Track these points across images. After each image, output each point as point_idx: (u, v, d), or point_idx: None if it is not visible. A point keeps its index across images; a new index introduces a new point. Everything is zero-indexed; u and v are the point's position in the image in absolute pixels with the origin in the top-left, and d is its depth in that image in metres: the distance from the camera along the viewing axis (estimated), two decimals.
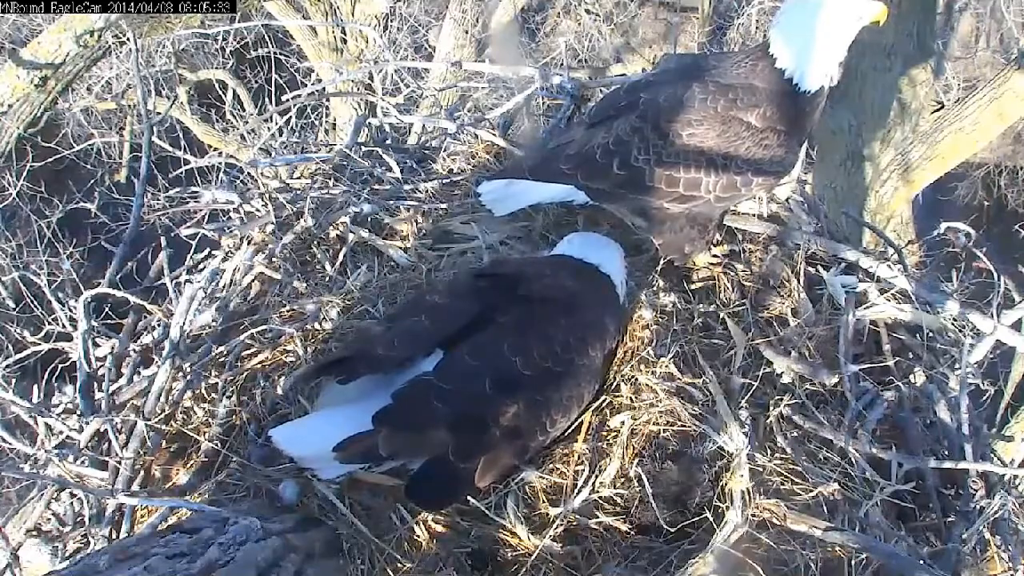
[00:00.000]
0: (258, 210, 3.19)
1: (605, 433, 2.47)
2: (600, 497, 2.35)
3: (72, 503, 2.57)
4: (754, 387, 2.52)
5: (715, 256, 2.93)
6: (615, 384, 2.54)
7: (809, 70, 2.58)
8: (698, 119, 2.61)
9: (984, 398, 2.93)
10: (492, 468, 2.25)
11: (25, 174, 10.11)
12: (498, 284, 2.49)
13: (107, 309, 2.99)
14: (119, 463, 2.49)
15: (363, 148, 3.56)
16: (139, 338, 2.93)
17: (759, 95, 2.60)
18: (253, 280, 3.02)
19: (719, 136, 2.61)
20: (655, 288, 2.77)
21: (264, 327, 2.76)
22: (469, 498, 2.31)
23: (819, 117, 2.71)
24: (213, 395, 2.68)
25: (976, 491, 2.55)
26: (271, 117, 5.32)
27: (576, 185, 2.78)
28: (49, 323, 2.89)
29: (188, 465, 2.58)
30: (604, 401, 2.51)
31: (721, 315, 2.73)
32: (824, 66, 2.59)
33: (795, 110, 2.63)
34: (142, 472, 2.55)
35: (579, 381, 2.40)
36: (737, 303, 2.78)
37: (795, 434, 2.48)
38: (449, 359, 2.31)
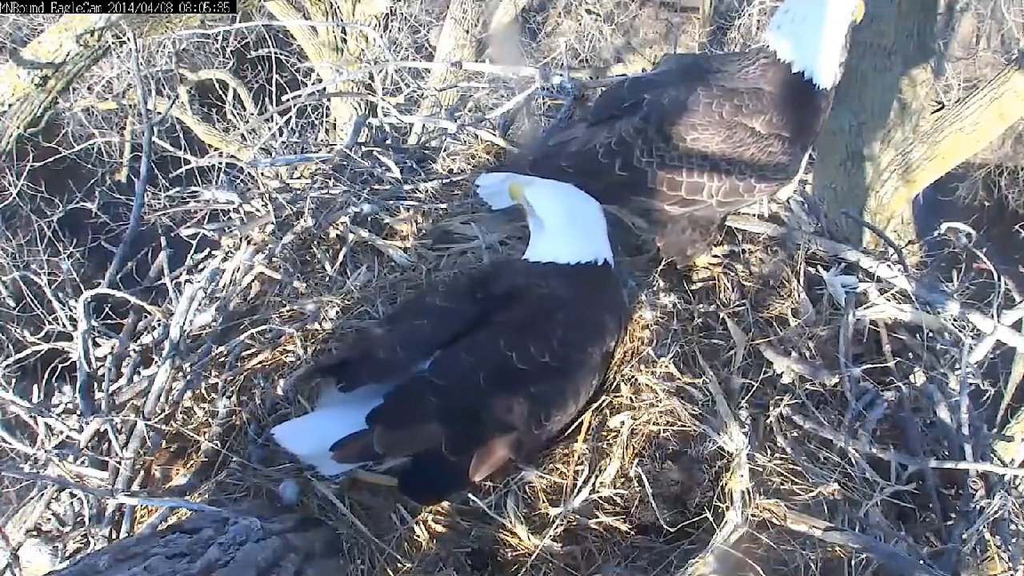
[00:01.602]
0: (258, 210, 3.19)
1: (605, 433, 2.47)
2: (600, 497, 2.35)
3: (72, 503, 2.57)
4: (754, 387, 2.52)
5: (715, 256, 2.93)
6: (615, 384, 2.54)
7: (823, 67, 2.63)
8: (702, 123, 2.62)
9: (984, 398, 2.93)
10: (486, 462, 2.24)
11: (25, 174, 10.10)
12: (496, 292, 2.49)
13: (107, 309, 2.99)
14: (119, 463, 2.49)
15: (363, 148, 3.56)
16: (139, 338, 2.93)
17: (765, 100, 2.61)
18: (253, 280, 3.01)
19: (723, 141, 2.61)
20: (655, 288, 2.77)
21: (264, 327, 2.76)
22: (470, 497, 2.31)
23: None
24: (213, 395, 2.68)
25: (976, 491, 2.55)
26: (271, 117, 5.33)
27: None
28: (49, 323, 2.89)
29: (188, 465, 2.57)
30: (604, 401, 2.51)
31: (721, 315, 2.73)
32: (833, 61, 2.64)
33: (808, 110, 2.66)
34: (142, 472, 2.55)
35: (575, 377, 2.40)
36: (737, 303, 2.77)
37: (795, 434, 2.48)
38: (444, 355, 2.31)
